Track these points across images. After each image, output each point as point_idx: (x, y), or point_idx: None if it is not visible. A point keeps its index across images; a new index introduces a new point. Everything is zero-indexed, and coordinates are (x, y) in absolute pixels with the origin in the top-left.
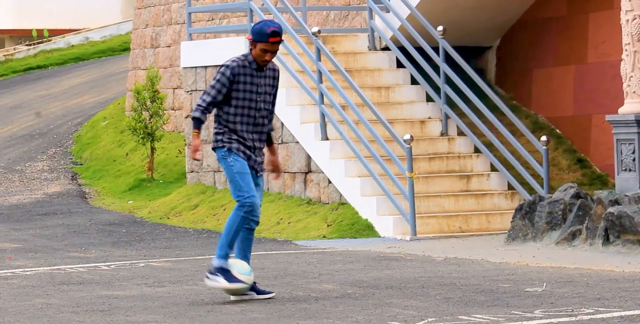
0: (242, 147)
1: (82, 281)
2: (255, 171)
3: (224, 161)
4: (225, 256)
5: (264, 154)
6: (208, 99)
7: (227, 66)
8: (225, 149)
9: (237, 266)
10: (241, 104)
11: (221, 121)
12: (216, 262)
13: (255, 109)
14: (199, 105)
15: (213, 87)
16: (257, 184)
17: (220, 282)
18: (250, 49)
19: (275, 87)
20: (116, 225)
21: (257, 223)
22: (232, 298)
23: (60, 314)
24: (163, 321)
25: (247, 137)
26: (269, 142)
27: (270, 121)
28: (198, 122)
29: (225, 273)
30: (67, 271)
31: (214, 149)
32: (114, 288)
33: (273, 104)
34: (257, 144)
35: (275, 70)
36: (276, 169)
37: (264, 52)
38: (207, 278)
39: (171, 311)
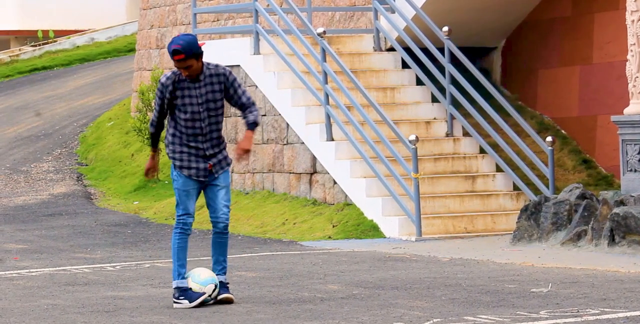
0: (185, 163)
1: (87, 281)
2: (211, 173)
3: (172, 173)
4: (178, 276)
5: (226, 153)
6: (156, 114)
7: (162, 83)
8: (172, 164)
9: (193, 275)
10: (184, 117)
11: (169, 133)
12: (173, 284)
13: (200, 120)
14: (151, 121)
15: (157, 104)
16: (216, 185)
17: (184, 303)
18: None
19: (221, 91)
20: (121, 226)
21: (224, 223)
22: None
23: (66, 315)
24: (168, 321)
25: (199, 147)
26: (249, 128)
27: (219, 128)
28: (152, 138)
29: (185, 293)
30: (72, 271)
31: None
32: (120, 289)
33: (238, 103)
34: (210, 152)
35: (219, 74)
36: (239, 151)
37: (179, 68)
38: (175, 302)
39: (177, 311)
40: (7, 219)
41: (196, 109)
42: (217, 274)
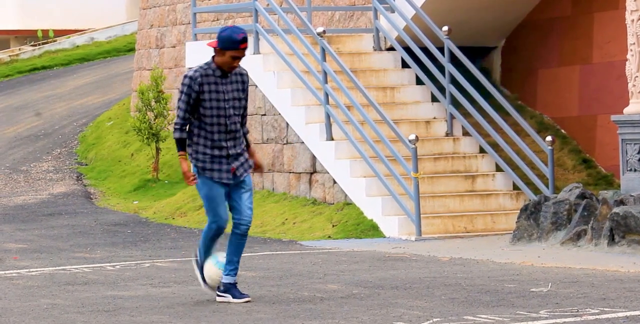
0: (208, 165)
1: (87, 281)
2: (235, 176)
3: (198, 177)
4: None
5: (246, 154)
6: (181, 114)
7: (190, 77)
8: (196, 170)
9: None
10: (209, 114)
11: (193, 133)
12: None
13: (225, 116)
14: (175, 123)
15: (183, 101)
16: (241, 187)
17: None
18: (213, 56)
19: (245, 90)
20: (121, 225)
21: (246, 226)
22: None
23: (66, 315)
24: (168, 321)
25: (222, 146)
26: (246, 145)
27: (243, 124)
28: (180, 143)
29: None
30: (72, 271)
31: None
32: (119, 289)
33: (245, 108)
34: (233, 151)
35: (243, 74)
36: (258, 169)
37: (234, 59)
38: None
39: (177, 311)
40: (6, 218)
41: (222, 105)
42: (227, 275)
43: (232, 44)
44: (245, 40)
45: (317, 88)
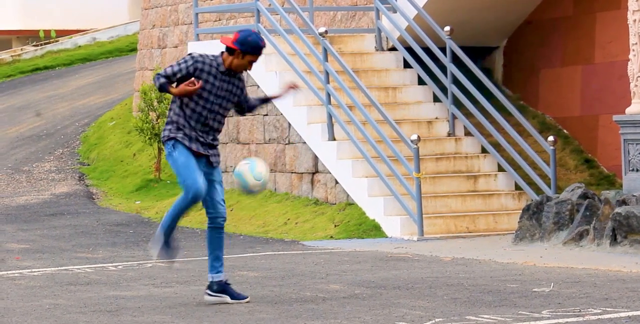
0: (187, 139)
1: (89, 281)
2: (210, 164)
3: (171, 157)
4: (166, 232)
5: (219, 152)
6: (168, 71)
7: (193, 57)
8: (171, 143)
9: (252, 165)
10: (196, 101)
11: (172, 115)
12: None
13: (209, 110)
14: (160, 74)
15: (177, 64)
16: (212, 179)
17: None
18: (222, 53)
19: (244, 88)
20: (123, 225)
21: (223, 219)
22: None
23: (68, 315)
24: (171, 321)
25: (198, 133)
26: (264, 99)
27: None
28: (165, 85)
29: (161, 244)
30: (74, 271)
31: (162, 142)
32: (122, 289)
33: (246, 96)
34: (206, 141)
35: (242, 80)
36: (292, 87)
37: (250, 64)
38: (151, 249)
39: (179, 311)
40: (9, 219)
41: (211, 99)
42: (217, 273)
43: (256, 50)
44: (263, 48)
45: (319, 88)
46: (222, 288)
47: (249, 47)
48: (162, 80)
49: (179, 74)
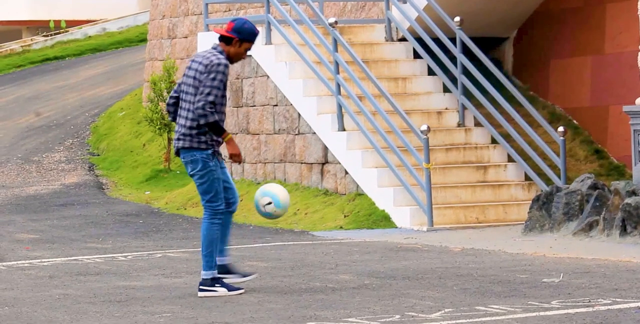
0: (217, 148)
1: (99, 271)
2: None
3: (204, 163)
4: (213, 267)
5: None
6: (212, 99)
7: (226, 65)
8: (210, 152)
9: (274, 199)
10: (223, 102)
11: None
12: (206, 274)
13: (223, 105)
14: (210, 108)
15: (216, 87)
16: (224, 166)
17: (221, 292)
18: (219, 45)
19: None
20: (133, 216)
21: (236, 205)
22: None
23: (78, 305)
24: (180, 311)
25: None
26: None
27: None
28: (220, 126)
29: (221, 282)
30: (84, 261)
31: (190, 148)
32: (131, 279)
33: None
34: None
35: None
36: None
37: (246, 51)
38: (202, 290)
39: (188, 301)
40: (19, 209)
41: (226, 94)
42: (223, 256)
43: (252, 37)
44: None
45: (329, 79)
46: (226, 269)
47: (246, 35)
48: (214, 117)
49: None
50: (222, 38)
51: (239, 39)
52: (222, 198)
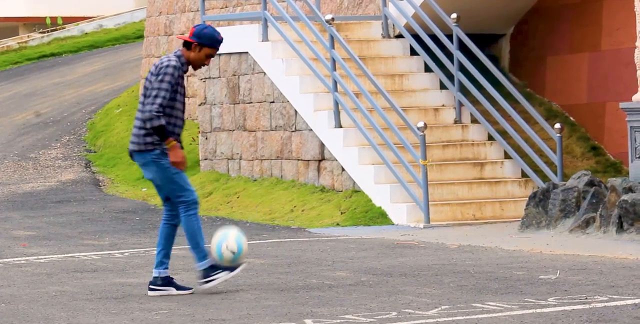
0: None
1: (95, 268)
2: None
3: (156, 163)
4: (206, 256)
5: None
6: (160, 101)
7: (175, 67)
8: (159, 151)
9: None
10: (175, 105)
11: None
12: (203, 265)
13: (181, 110)
14: (156, 111)
15: (165, 89)
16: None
17: (223, 276)
18: (180, 50)
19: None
20: (130, 213)
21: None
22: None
23: (74, 302)
24: (177, 308)
25: (178, 134)
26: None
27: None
28: (163, 129)
29: (219, 268)
30: (80, 258)
31: (139, 151)
32: (128, 276)
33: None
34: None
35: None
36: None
37: (207, 58)
38: (206, 281)
39: (185, 298)
40: (15, 206)
41: (182, 99)
42: (165, 268)
43: (213, 43)
44: (222, 40)
45: (326, 75)
46: (167, 281)
47: (205, 39)
48: (160, 121)
49: (170, 92)
50: (184, 43)
51: (198, 43)
52: (190, 188)
